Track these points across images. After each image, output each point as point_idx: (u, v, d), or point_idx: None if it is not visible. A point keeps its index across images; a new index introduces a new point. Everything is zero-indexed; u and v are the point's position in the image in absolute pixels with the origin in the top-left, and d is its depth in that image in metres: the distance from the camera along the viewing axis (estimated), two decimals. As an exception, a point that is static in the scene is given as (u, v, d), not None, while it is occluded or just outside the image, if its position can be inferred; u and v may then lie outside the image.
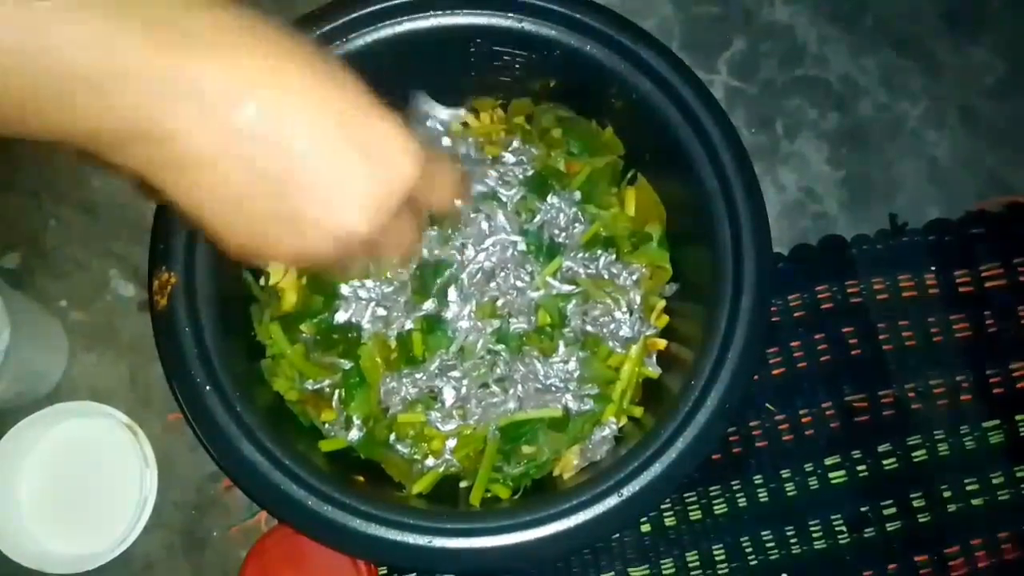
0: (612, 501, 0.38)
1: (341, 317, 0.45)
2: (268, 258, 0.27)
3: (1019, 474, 0.51)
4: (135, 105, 0.23)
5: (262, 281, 0.46)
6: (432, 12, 0.42)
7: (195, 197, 0.26)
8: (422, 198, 0.29)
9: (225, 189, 0.25)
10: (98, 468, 0.48)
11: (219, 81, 0.23)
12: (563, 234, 0.46)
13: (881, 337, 0.52)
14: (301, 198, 0.25)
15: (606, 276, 0.46)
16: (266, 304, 0.45)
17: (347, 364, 0.44)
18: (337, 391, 0.44)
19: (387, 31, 0.42)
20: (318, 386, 0.44)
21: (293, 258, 0.28)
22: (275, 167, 0.25)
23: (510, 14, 0.42)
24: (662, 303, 0.47)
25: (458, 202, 0.32)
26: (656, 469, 0.39)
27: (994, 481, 0.51)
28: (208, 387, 0.37)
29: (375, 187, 0.26)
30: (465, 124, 0.49)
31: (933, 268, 0.53)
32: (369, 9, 0.41)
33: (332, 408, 0.45)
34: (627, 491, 0.38)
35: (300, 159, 0.25)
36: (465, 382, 0.44)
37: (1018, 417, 0.52)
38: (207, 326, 0.39)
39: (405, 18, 0.42)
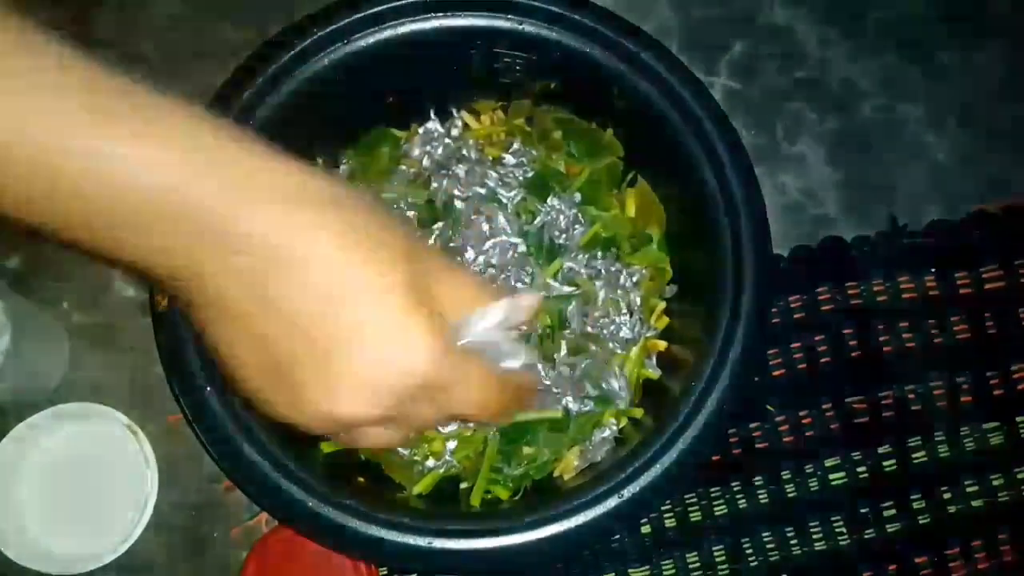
0: (612, 502, 0.38)
1: None
2: (267, 415, 0.27)
3: (1019, 476, 0.51)
4: (185, 246, 0.24)
5: None
6: (434, 15, 0.42)
7: (211, 332, 0.26)
8: (451, 401, 0.27)
9: (241, 342, 0.25)
10: (99, 469, 0.48)
11: (267, 246, 0.24)
12: (563, 236, 0.46)
13: (881, 339, 0.52)
14: (302, 375, 0.25)
15: (606, 278, 0.46)
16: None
17: None
18: None
19: (389, 32, 0.42)
20: None
21: (290, 422, 0.27)
22: (281, 343, 0.25)
23: (510, 16, 0.42)
24: (662, 304, 0.47)
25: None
26: (656, 470, 0.39)
27: (994, 483, 0.51)
28: (208, 387, 0.37)
29: (374, 376, 0.25)
30: (466, 126, 0.49)
31: (933, 270, 0.53)
32: (371, 11, 0.41)
33: None
34: (628, 492, 0.38)
35: (304, 337, 0.25)
36: None
37: (1018, 419, 0.52)
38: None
39: (408, 20, 0.42)
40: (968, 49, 0.58)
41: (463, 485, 0.44)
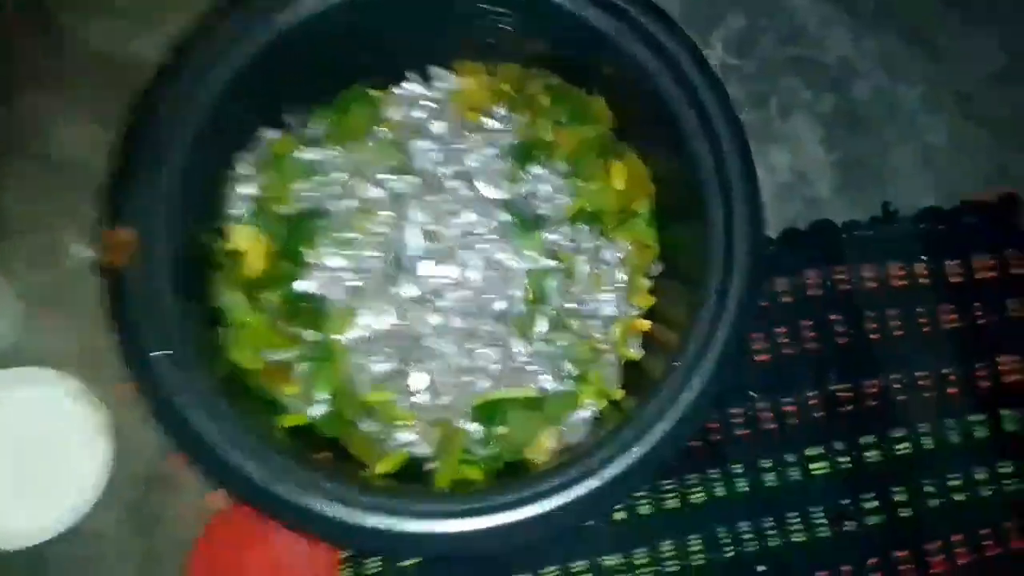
0: (590, 484, 0.36)
1: (309, 286, 0.42)
2: None
3: (1002, 470, 0.50)
4: None
5: (224, 245, 0.43)
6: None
7: None
8: None
9: None
10: (48, 438, 0.46)
11: None
12: (546, 206, 0.44)
13: (869, 326, 0.50)
14: None
15: (590, 252, 0.44)
16: (229, 269, 0.43)
17: (313, 336, 0.42)
18: (302, 364, 0.42)
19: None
20: (281, 358, 0.42)
21: None
22: None
23: (498, -32, 0.40)
24: (648, 282, 0.45)
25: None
26: (635, 453, 0.37)
27: (977, 477, 0.50)
28: (159, 352, 0.35)
29: None
30: (448, 89, 0.47)
31: (924, 257, 0.52)
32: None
33: (295, 382, 0.42)
34: (605, 475, 0.36)
35: None
36: (435, 365, 0.42)
37: (1003, 412, 0.51)
38: (162, 288, 0.36)
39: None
40: (969, 35, 0.56)
41: (430, 465, 0.42)
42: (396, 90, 0.46)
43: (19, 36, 0.52)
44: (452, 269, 0.42)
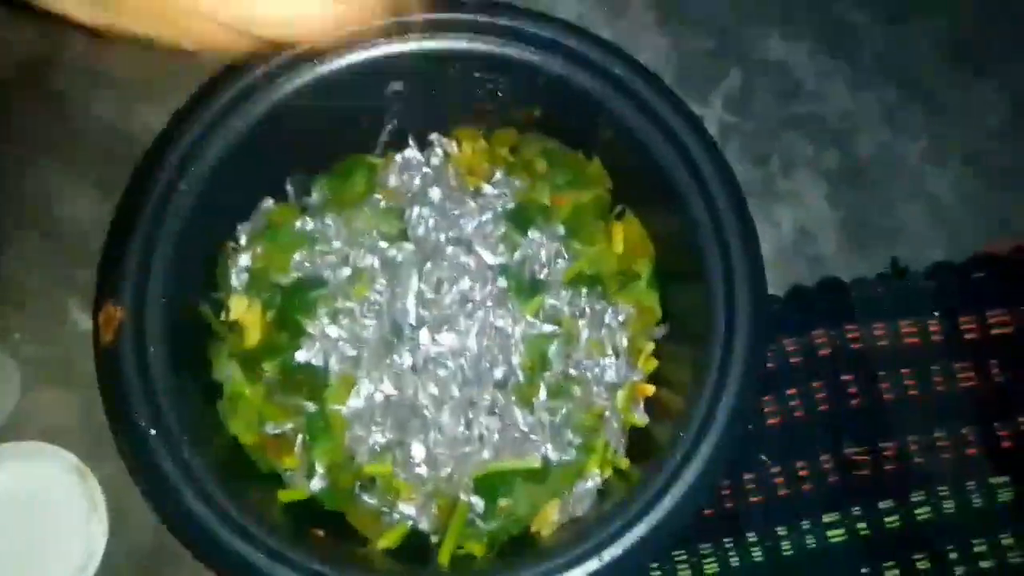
0: (593, 565, 0.35)
1: (305, 356, 0.42)
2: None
3: (1030, 534, 0.48)
4: None
5: (222, 316, 0.43)
6: (409, 35, 0.40)
7: None
8: None
9: None
10: (43, 516, 0.45)
11: None
12: (545, 271, 0.44)
13: (882, 386, 0.49)
14: None
15: (590, 316, 0.43)
16: (225, 340, 0.42)
17: (312, 407, 0.41)
18: (300, 436, 0.41)
19: (362, 53, 0.40)
20: (279, 430, 0.41)
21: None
22: None
23: (490, 38, 0.40)
24: (651, 346, 0.44)
25: None
26: (641, 529, 0.36)
27: (1003, 542, 0.48)
28: (153, 431, 0.34)
29: None
30: (446, 154, 0.47)
31: (936, 313, 0.50)
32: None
33: (294, 454, 0.41)
34: (609, 554, 0.35)
35: None
36: (434, 436, 0.41)
37: (1028, 473, 0.49)
38: (155, 364, 0.36)
39: (382, 41, 0.40)
40: (969, 87, 0.56)
41: (434, 539, 0.41)
42: (397, 156, 0.46)
43: (25, 107, 0.53)
44: (450, 337, 0.42)
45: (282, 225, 0.44)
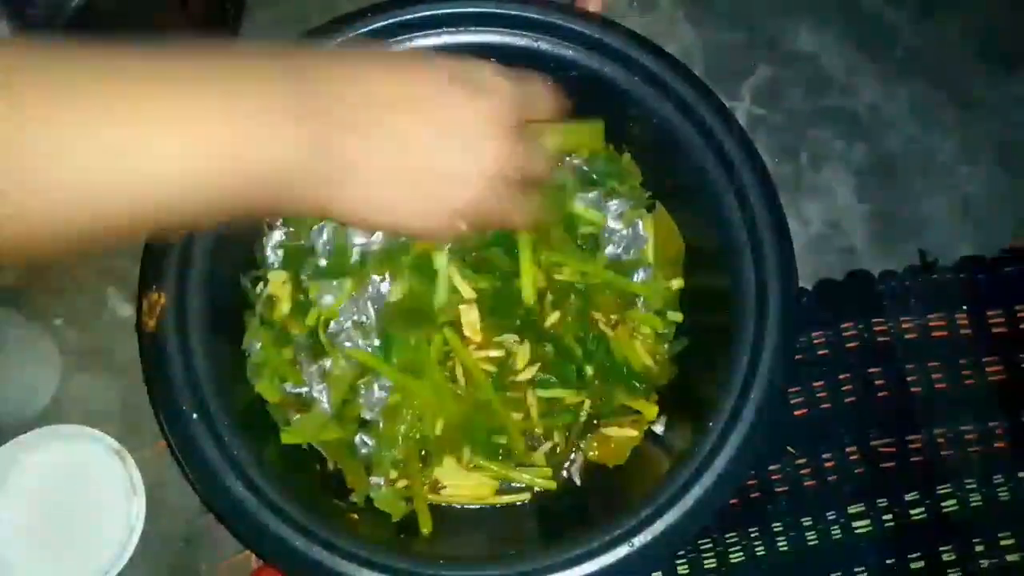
0: (623, 551, 0.35)
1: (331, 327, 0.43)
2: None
3: (1057, 529, 0.48)
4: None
5: (258, 289, 0.44)
6: (444, 29, 0.40)
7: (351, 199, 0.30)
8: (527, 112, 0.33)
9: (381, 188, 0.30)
10: (84, 495, 0.46)
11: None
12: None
13: (910, 379, 0.49)
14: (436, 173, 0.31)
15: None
16: (260, 312, 0.43)
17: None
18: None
19: (397, 49, 0.41)
20: (299, 391, 0.43)
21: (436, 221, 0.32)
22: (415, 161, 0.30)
23: (526, 33, 0.40)
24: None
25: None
26: (671, 517, 0.36)
27: (1030, 536, 0.48)
28: (195, 415, 0.35)
29: (487, 126, 0.31)
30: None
31: (965, 307, 0.51)
32: (377, 25, 0.40)
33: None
34: (640, 540, 0.35)
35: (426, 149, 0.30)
36: None
37: (1056, 468, 0.49)
38: (197, 350, 0.37)
39: (417, 34, 0.40)
40: (1000, 83, 0.55)
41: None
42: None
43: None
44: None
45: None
